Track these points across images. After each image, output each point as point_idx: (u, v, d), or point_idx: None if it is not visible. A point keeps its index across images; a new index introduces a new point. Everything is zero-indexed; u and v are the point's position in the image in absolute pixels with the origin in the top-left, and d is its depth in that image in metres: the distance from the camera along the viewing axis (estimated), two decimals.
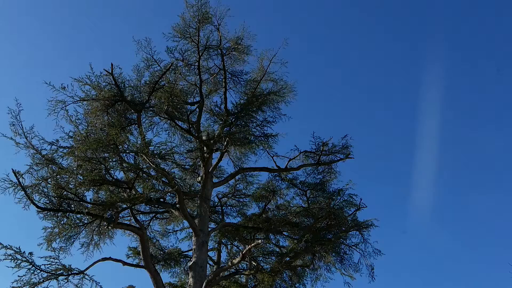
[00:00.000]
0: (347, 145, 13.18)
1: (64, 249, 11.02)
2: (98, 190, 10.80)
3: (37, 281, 10.75)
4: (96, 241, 11.83)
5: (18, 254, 10.24)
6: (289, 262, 13.76)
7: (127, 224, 11.27)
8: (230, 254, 16.48)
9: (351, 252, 14.25)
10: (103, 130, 10.98)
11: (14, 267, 10.35)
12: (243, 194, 15.30)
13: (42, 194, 10.03)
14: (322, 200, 14.33)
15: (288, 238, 14.95)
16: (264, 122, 13.18)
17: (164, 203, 12.27)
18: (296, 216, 14.47)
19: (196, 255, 11.29)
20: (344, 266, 14.43)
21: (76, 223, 10.65)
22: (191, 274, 11.03)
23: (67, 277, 11.00)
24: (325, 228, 13.78)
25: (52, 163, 10.80)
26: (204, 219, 11.89)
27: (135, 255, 14.24)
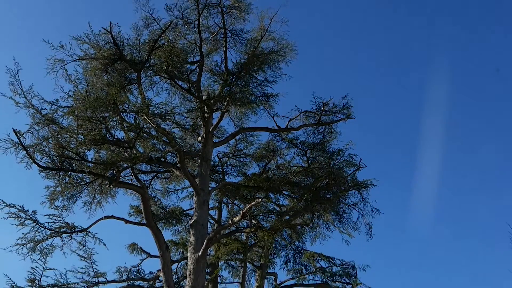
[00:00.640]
0: (348, 105, 13.14)
1: (67, 208, 11.18)
2: (99, 150, 10.84)
3: (41, 238, 10.97)
4: (98, 200, 11.98)
5: (21, 212, 10.39)
6: (288, 221, 13.99)
7: (128, 183, 11.38)
8: (230, 213, 16.72)
9: (350, 211, 14.46)
10: (103, 90, 10.93)
11: (18, 225, 10.55)
12: (244, 154, 15.38)
13: (43, 154, 10.08)
14: (322, 160, 14.42)
15: (288, 197, 15.14)
16: (265, 81, 13.10)
17: (165, 163, 12.34)
18: (296, 176, 14.60)
19: (197, 213, 11.44)
20: (343, 224, 14.67)
21: (78, 182, 10.76)
22: (192, 232, 11.21)
23: (70, 234, 11.21)
24: (324, 187, 13.92)
25: (52, 122, 10.80)
26: (205, 179, 11.99)
27: (137, 214, 14.44)
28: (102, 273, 12.33)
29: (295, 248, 16.24)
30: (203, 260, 10.86)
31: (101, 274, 12.32)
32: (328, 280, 15.74)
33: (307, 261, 15.46)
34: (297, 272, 16.27)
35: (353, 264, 15.38)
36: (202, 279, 10.81)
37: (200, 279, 10.69)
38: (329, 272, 15.69)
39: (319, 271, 15.65)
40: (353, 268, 15.46)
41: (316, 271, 15.67)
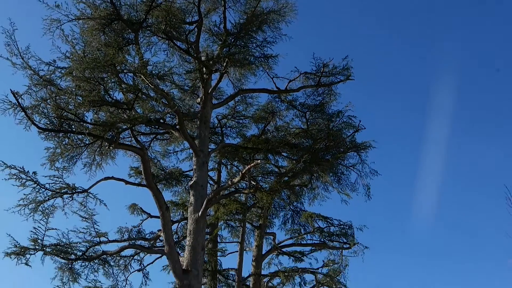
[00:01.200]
0: (347, 66, 13.03)
1: (67, 169, 11.25)
2: (98, 111, 10.80)
3: (42, 199, 11.08)
4: (98, 161, 12.04)
5: (22, 173, 10.45)
6: (287, 182, 14.11)
7: (128, 145, 11.39)
8: (229, 174, 16.85)
9: (349, 172, 14.58)
10: (100, 50, 10.79)
11: (19, 186, 10.63)
12: (243, 115, 15.36)
13: (42, 115, 10.04)
14: (321, 122, 14.42)
15: (286, 159, 15.22)
16: (264, 42, 12.93)
17: (164, 124, 12.34)
18: (295, 137, 14.63)
19: (197, 174, 11.51)
20: (341, 185, 14.83)
21: (77, 143, 10.77)
22: (192, 192, 11.32)
23: (71, 195, 11.32)
24: (323, 149, 13.97)
25: (50, 84, 10.72)
26: (204, 140, 12.01)
27: (137, 175, 14.54)
28: (104, 233, 12.52)
29: (294, 208, 16.45)
30: (202, 220, 11.00)
31: (102, 234, 12.51)
32: (326, 240, 16.03)
33: (305, 221, 15.70)
34: (295, 232, 16.56)
35: (350, 224, 15.63)
36: (202, 239, 10.99)
37: (200, 238, 10.87)
38: (326, 232, 15.96)
39: (317, 231, 15.92)
40: (350, 228, 15.72)
41: (314, 231, 15.94)
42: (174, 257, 10.27)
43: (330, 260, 16.31)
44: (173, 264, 10.23)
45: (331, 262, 16.23)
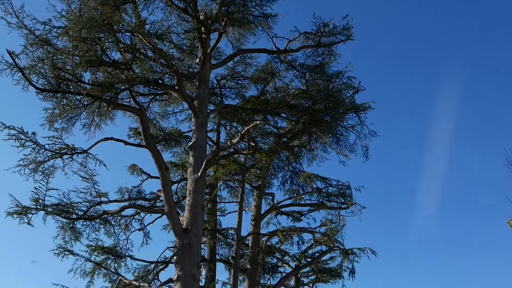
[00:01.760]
0: (348, 26, 12.81)
1: (66, 130, 11.25)
2: (96, 72, 10.71)
3: (42, 160, 11.12)
4: (97, 122, 12.02)
5: (21, 134, 10.44)
6: (286, 143, 14.15)
7: (126, 105, 11.34)
8: (229, 135, 16.88)
9: (347, 133, 14.61)
10: (96, 9, 10.59)
11: (19, 147, 10.65)
12: (242, 76, 15.24)
13: (39, 75, 9.95)
14: (320, 83, 14.32)
15: (286, 120, 15.21)
16: (264, 1, 12.66)
17: (163, 85, 12.25)
18: (294, 98, 14.57)
19: (196, 135, 11.51)
20: (340, 147, 14.89)
21: (76, 104, 10.72)
22: (192, 153, 11.34)
23: (71, 156, 11.35)
24: (322, 110, 13.95)
25: (46, 43, 10.58)
26: (203, 101, 11.95)
27: (136, 135, 14.56)
28: (104, 193, 12.64)
29: (293, 169, 16.57)
30: (202, 181, 11.08)
31: (103, 194, 12.63)
32: (324, 200, 16.23)
33: (304, 182, 15.85)
34: (294, 193, 16.75)
35: (348, 185, 15.79)
36: (201, 199, 11.10)
37: (200, 199, 10.97)
38: (325, 193, 16.14)
39: (316, 192, 16.09)
40: (348, 189, 15.89)
41: (312, 192, 16.11)
42: (174, 216, 10.40)
43: (328, 220, 16.57)
44: (173, 224, 10.37)
45: (329, 222, 16.49)
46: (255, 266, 16.36)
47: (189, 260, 10.01)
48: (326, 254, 18.03)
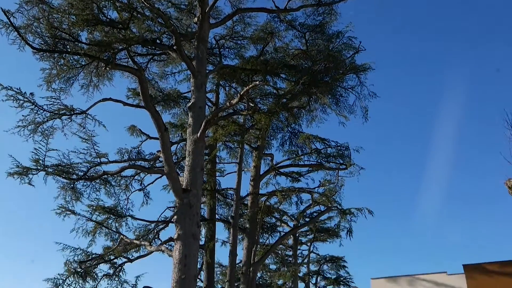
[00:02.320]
0: None
1: (64, 90, 11.17)
2: (93, 31, 10.54)
3: (41, 120, 11.09)
4: (95, 82, 11.93)
5: (19, 94, 10.38)
6: (286, 103, 14.09)
7: (124, 66, 11.23)
8: (228, 96, 16.80)
9: (347, 94, 14.54)
10: None
11: (17, 107, 10.61)
12: (241, 36, 15.01)
13: (35, 35, 9.80)
14: (321, 43, 14.15)
15: (285, 80, 15.10)
16: None
17: (161, 45, 12.09)
18: (294, 59, 14.42)
19: (195, 96, 11.45)
20: (339, 108, 14.84)
21: (73, 64, 10.60)
22: (191, 114, 11.31)
23: (70, 116, 11.32)
24: (322, 70, 13.82)
25: (42, 2, 10.36)
26: (202, 61, 11.82)
27: (134, 96, 14.48)
28: (104, 154, 12.69)
29: (292, 130, 16.59)
30: (201, 142, 11.09)
31: (102, 154, 12.68)
32: (323, 161, 16.32)
33: (303, 142, 15.89)
34: (293, 153, 16.82)
35: (347, 146, 15.84)
36: (201, 160, 11.14)
37: (199, 159, 11.02)
38: (323, 153, 16.21)
39: (314, 153, 16.16)
40: (347, 150, 15.95)
41: (311, 152, 16.18)
42: (174, 177, 10.46)
43: (326, 180, 16.71)
44: (173, 184, 10.45)
45: (327, 182, 16.64)
46: (254, 226, 16.61)
47: (189, 220, 10.14)
48: (324, 214, 18.28)
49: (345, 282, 35.36)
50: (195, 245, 10.16)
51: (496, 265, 18.62)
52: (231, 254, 15.39)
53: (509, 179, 7.23)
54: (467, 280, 18.74)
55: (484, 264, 19.02)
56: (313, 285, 38.62)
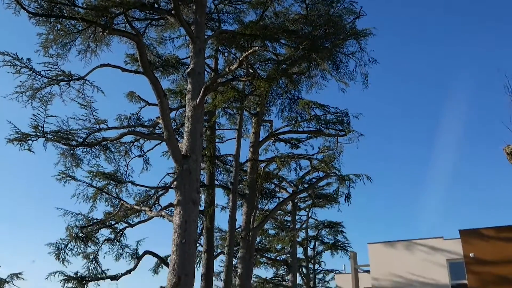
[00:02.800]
0: None
1: (62, 56, 11.05)
2: None
3: (39, 86, 11.02)
4: (92, 48, 11.79)
5: (16, 60, 10.29)
6: (285, 69, 13.98)
7: (122, 30, 11.08)
8: (227, 61, 16.65)
9: (347, 60, 14.41)
10: None
11: (15, 73, 10.53)
12: (240, 0, 14.76)
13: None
14: (321, 7, 13.94)
15: (285, 46, 14.93)
16: None
17: (159, 9, 11.89)
18: (294, 24, 14.23)
19: (194, 61, 11.34)
20: (339, 74, 14.74)
21: (70, 29, 10.47)
22: (190, 80, 11.23)
23: (68, 82, 11.24)
24: (322, 36, 13.66)
25: None
26: (200, 26, 11.65)
27: (133, 62, 14.34)
28: (103, 120, 12.67)
29: (291, 96, 16.52)
30: (200, 108, 11.05)
31: (102, 121, 12.66)
32: (322, 127, 16.32)
33: (302, 109, 15.84)
34: (292, 120, 16.80)
35: (346, 112, 15.80)
36: (200, 126, 11.13)
37: (198, 126, 11.01)
38: (323, 120, 16.20)
39: (314, 119, 16.14)
40: (346, 116, 15.92)
41: (310, 119, 16.16)
42: (173, 143, 10.47)
43: (325, 147, 16.75)
44: (173, 150, 10.47)
45: (326, 149, 16.69)
46: (253, 191, 16.74)
47: (188, 186, 10.20)
48: (322, 180, 18.40)
49: (343, 247, 35.96)
50: (195, 211, 10.26)
51: (492, 230, 18.88)
52: (231, 219, 15.57)
53: (507, 145, 7.25)
54: (463, 245, 19.04)
55: (480, 229, 19.29)
56: (311, 250, 39.29)
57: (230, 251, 15.18)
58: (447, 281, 19.39)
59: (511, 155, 7.30)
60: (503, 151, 7.47)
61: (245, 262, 16.07)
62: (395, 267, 20.55)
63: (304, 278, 38.49)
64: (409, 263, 20.29)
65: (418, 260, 20.14)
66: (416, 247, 20.53)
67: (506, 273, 16.82)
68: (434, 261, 19.83)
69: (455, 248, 19.42)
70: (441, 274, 19.56)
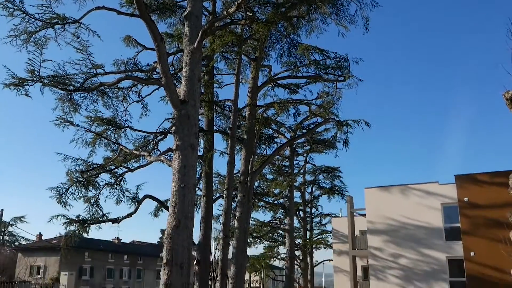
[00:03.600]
0: None
1: None
2: None
3: (33, 30, 10.81)
4: None
5: (8, 2, 10.05)
6: (285, 13, 13.67)
7: None
8: (225, 4, 16.25)
9: (348, 3, 14.09)
10: None
11: (7, 16, 10.31)
12: None
13: None
14: None
15: None
16: None
17: None
18: None
19: (191, 4, 11.06)
20: (339, 17, 14.45)
21: None
22: (187, 23, 11.00)
23: (63, 26, 11.02)
24: None
25: None
26: None
27: (128, 4, 13.99)
28: (100, 65, 12.52)
29: (290, 41, 16.25)
30: (198, 52, 10.90)
31: (98, 65, 12.51)
32: (321, 72, 16.18)
33: (301, 54, 15.63)
34: (291, 65, 16.63)
35: (346, 57, 15.62)
36: (198, 71, 11.03)
37: (196, 70, 10.91)
38: (322, 65, 16.04)
39: (313, 64, 15.98)
40: (346, 61, 15.75)
41: (310, 64, 15.99)
42: (171, 87, 10.41)
43: (324, 92, 16.68)
44: (171, 95, 10.42)
45: (325, 94, 16.62)
46: (251, 137, 16.83)
47: (187, 131, 10.23)
48: (321, 125, 18.46)
49: (340, 191, 36.65)
50: (194, 155, 10.35)
51: (487, 175, 19.15)
52: (229, 164, 15.72)
53: (507, 91, 7.20)
54: (458, 190, 19.37)
55: (475, 174, 19.57)
56: (308, 194, 40.02)
57: (229, 195, 15.43)
58: (440, 224, 19.86)
59: (510, 100, 7.27)
60: (502, 97, 7.44)
61: (244, 206, 16.39)
62: (390, 210, 20.99)
63: (301, 221, 39.44)
64: (404, 207, 20.71)
65: (413, 204, 20.54)
66: (411, 191, 20.88)
67: (498, 217, 17.18)
68: (429, 205, 20.23)
69: (449, 192, 19.76)
70: (435, 217, 20.01)
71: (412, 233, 20.30)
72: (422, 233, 20.06)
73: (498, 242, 15.81)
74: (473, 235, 18.68)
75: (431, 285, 19.40)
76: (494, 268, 17.74)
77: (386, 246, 20.72)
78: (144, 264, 49.75)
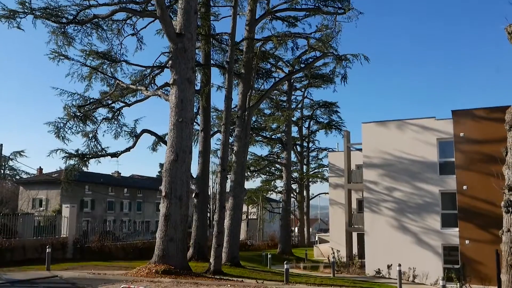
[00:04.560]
0: None
1: None
2: None
3: None
4: None
5: None
6: None
7: None
8: None
9: None
10: None
11: None
12: None
13: None
14: None
15: None
16: None
17: None
18: None
19: None
20: None
21: None
22: None
23: None
24: None
25: None
26: None
27: None
28: None
29: None
30: None
31: None
32: (321, 4, 15.77)
33: None
34: None
35: None
36: (194, 2, 10.77)
37: (193, 2, 10.65)
38: None
39: None
40: None
41: None
42: (167, 20, 10.20)
43: (323, 25, 16.35)
44: (166, 28, 10.23)
45: (324, 27, 16.30)
46: (249, 71, 16.67)
47: (184, 64, 10.14)
48: (319, 59, 18.24)
49: (337, 126, 36.86)
50: (191, 89, 10.31)
51: (484, 111, 19.15)
52: (226, 98, 15.67)
53: (509, 25, 7.03)
54: (454, 125, 19.45)
55: (472, 110, 19.55)
56: (305, 129, 40.24)
57: (226, 129, 15.49)
58: (435, 159, 20.10)
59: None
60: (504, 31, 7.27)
61: (241, 140, 16.52)
62: (386, 145, 21.16)
63: (298, 155, 39.93)
64: (400, 142, 20.86)
65: (409, 139, 20.68)
66: (408, 126, 20.96)
67: (492, 152, 17.35)
68: (425, 140, 20.37)
69: (446, 128, 19.84)
70: (430, 152, 20.21)
71: (407, 167, 20.57)
72: (417, 168, 20.34)
73: (491, 176, 16.08)
74: (466, 170, 18.94)
75: (423, 217, 19.92)
76: (485, 201, 18.13)
77: (381, 180, 21.06)
78: (144, 196, 50.77)
